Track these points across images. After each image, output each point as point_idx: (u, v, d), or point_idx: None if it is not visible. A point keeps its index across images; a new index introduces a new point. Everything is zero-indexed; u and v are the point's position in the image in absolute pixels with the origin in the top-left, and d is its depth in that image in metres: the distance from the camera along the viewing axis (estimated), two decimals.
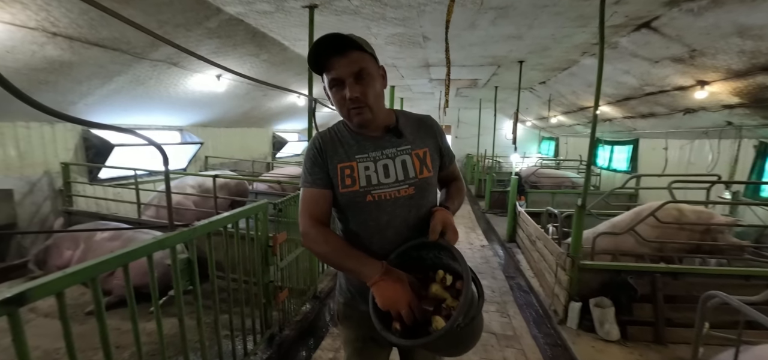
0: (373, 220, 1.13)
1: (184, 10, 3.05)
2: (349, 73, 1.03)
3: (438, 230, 1.07)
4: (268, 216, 2.59)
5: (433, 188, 1.23)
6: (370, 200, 1.12)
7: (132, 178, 4.84)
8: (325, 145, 1.18)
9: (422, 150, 1.18)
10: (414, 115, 1.27)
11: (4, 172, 3.99)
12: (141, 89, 4.27)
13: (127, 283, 1.48)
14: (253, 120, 7.95)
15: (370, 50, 1.08)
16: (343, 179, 1.13)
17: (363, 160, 1.14)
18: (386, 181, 1.12)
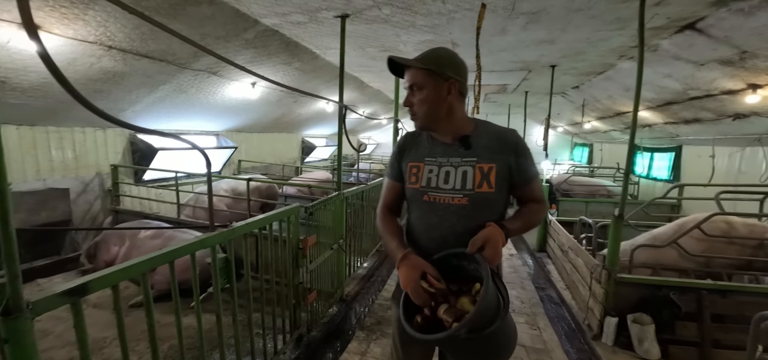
0: (425, 218, 1.27)
1: (224, 23, 3.23)
2: (407, 86, 1.25)
3: (477, 244, 1.10)
4: (299, 219, 2.67)
5: (495, 205, 1.23)
6: (426, 200, 1.26)
7: (172, 180, 5.13)
8: (406, 144, 1.37)
9: (488, 165, 1.21)
10: (496, 129, 1.29)
11: (62, 173, 4.36)
12: (183, 97, 4.54)
13: (172, 279, 1.59)
14: (283, 126, 8.22)
15: (431, 66, 1.20)
16: (410, 176, 1.31)
17: (430, 163, 1.28)
18: (444, 187, 1.23)
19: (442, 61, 1.21)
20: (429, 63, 1.19)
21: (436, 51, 1.24)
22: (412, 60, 1.23)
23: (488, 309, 1.01)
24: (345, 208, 3.49)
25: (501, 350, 1.11)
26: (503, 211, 1.29)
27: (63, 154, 4.34)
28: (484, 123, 1.30)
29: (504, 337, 1.09)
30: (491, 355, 1.10)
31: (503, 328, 1.05)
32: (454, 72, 1.21)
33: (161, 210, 5.30)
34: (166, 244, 3.71)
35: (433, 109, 1.22)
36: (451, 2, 2.91)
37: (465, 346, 1.05)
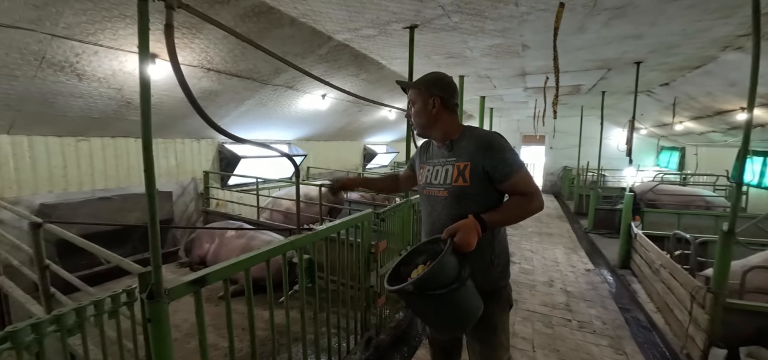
0: (425, 208, 1.60)
1: (302, 41, 3.51)
2: (410, 100, 1.59)
3: (450, 231, 1.30)
4: (371, 225, 2.78)
5: (473, 197, 1.42)
6: (426, 193, 1.59)
7: (252, 185, 5.66)
8: (421, 150, 1.73)
9: (464, 163, 1.44)
10: (478, 133, 1.49)
11: (166, 178, 5.07)
12: (263, 110, 5.01)
13: (268, 275, 1.76)
14: (347, 134, 8.58)
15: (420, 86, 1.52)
16: (418, 175, 1.68)
17: (429, 163, 1.60)
18: (434, 182, 1.53)
19: (429, 82, 1.51)
20: (419, 84, 1.52)
21: (428, 75, 1.54)
22: (409, 82, 1.59)
23: (437, 275, 1.21)
24: (412, 214, 3.54)
25: (454, 314, 1.29)
26: (487, 204, 1.41)
27: (168, 162, 5.06)
28: (470, 129, 1.52)
29: (455, 304, 1.27)
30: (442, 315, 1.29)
31: (455, 297, 1.24)
32: (438, 90, 1.49)
33: (242, 212, 5.86)
34: (249, 243, 4.11)
35: (420, 119, 1.53)
36: (525, 4, 2.82)
37: (418, 302, 1.29)
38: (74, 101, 3.45)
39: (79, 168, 4.29)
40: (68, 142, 4.17)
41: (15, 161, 3.80)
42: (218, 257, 4.14)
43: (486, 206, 1.39)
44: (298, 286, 2.02)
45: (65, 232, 1.93)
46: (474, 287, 1.33)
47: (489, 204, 1.41)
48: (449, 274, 1.25)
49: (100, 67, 3.07)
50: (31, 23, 2.42)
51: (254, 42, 1.74)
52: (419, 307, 1.36)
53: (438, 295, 1.21)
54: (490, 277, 1.49)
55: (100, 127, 4.15)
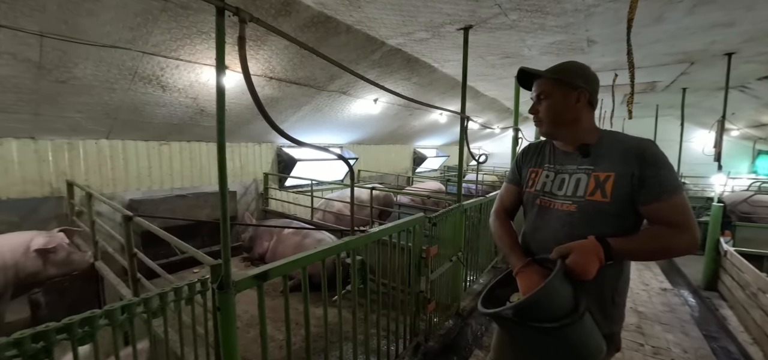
0: (534, 221, 1.31)
1: (356, 47, 3.61)
2: (533, 95, 1.32)
3: (560, 251, 1.08)
4: (423, 229, 2.75)
5: (609, 218, 1.14)
6: (538, 203, 1.31)
7: (307, 187, 5.93)
8: (528, 152, 1.44)
9: (605, 173, 1.16)
10: (623, 139, 1.20)
11: (231, 178, 5.52)
12: (318, 115, 5.23)
13: (323, 274, 1.83)
14: (397, 137, 8.64)
15: (560, 76, 1.24)
16: (528, 180, 1.38)
17: (548, 169, 1.32)
18: (556, 193, 1.25)
19: (572, 72, 1.25)
20: (558, 73, 1.25)
21: (566, 63, 1.28)
22: (543, 71, 1.28)
23: (543, 302, 1.00)
24: (464, 220, 3.44)
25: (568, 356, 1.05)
26: (622, 229, 1.13)
27: (233, 164, 5.50)
28: (612, 134, 1.25)
29: (570, 344, 1.03)
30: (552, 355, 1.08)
31: (570, 335, 1.01)
32: (583, 82, 1.23)
33: (297, 212, 6.16)
34: (303, 241, 4.30)
35: (558, 117, 1.26)
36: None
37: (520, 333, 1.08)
38: (158, 110, 3.90)
39: (161, 169, 4.83)
40: (153, 146, 4.72)
41: (111, 162, 4.39)
42: (276, 253, 4.39)
43: (621, 231, 1.12)
44: (351, 287, 2.06)
45: (151, 225, 2.18)
46: (594, 324, 1.09)
47: (624, 229, 1.14)
48: (560, 303, 1.02)
49: (180, 79, 3.43)
50: (127, 43, 2.78)
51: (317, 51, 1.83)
52: (521, 341, 1.15)
53: (547, 329, 1.00)
54: (609, 318, 1.20)
55: (178, 132, 4.64)
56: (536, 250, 1.26)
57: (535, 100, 1.30)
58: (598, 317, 1.15)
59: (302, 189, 6.40)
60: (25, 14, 2.28)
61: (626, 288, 1.27)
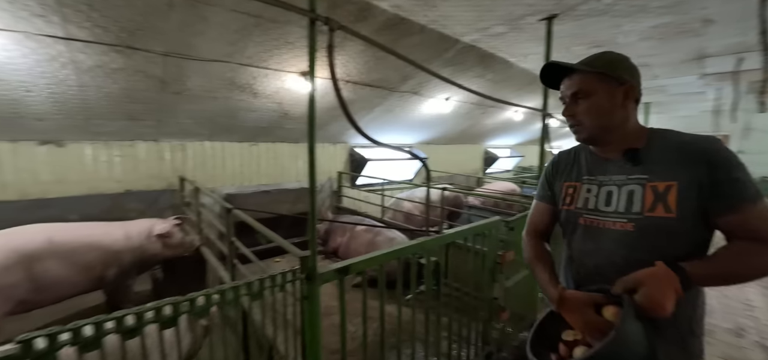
0: (579, 244, 1.11)
1: (428, 47, 3.60)
2: (567, 94, 1.09)
3: (627, 285, 0.88)
4: (499, 234, 2.63)
5: (677, 236, 0.94)
6: (581, 223, 1.11)
7: (378, 186, 6.09)
8: (559, 163, 1.24)
9: (665, 183, 0.96)
10: (680, 138, 1.00)
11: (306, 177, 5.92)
12: (389, 115, 5.34)
13: (399, 273, 1.86)
14: (468, 137, 8.39)
15: (603, 69, 1.04)
16: (565, 197, 1.17)
17: (588, 182, 1.12)
18: (604, 209, 1.05)
19: (616, 64, 1.05)
20: (600, 66, 1.04)
21: (605, 54, 1.07)
22: (578, 63, 1.07)
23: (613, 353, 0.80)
24: None
25: None
26: (694, 248, 0.95)
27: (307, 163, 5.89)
28: (662, 132, 1.04)
29: None
30: None
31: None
32: (629, 75, 1.03)
33: (368, 210, 6.37)
34: (374, 239, 4.43)
35: (603, 119, 1.05)
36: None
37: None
38: (249, 114, 4.36)
39: (250, 167, 5.40)
40: (244, 147, 5.30)
41: (212, 161, 5.05)
42: (349, 249, 4.59)
43: (690, 250, 0.94)
44: (425, 287, 2.06)
45: (247, 217, 2.46)
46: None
47: (694, 247, 0.96)
48: (634, 350, 0.84)
49: (269, 86, 3.80)
50: (227, 56, 3.16)
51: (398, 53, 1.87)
52: None
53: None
54: (689, 351, 1.02)
55: (265, 134, 5.14)
56: (587, 278, 1.07)
57: (570, 100, 1.08)
58: (677, 355, 0.98)
59: (373, 188, 6.60)
60: (155, 38, 2.74)
61: (704, 314, 1.06)
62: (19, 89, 3.04)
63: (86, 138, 4.12)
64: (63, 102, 3.32)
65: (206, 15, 2.60)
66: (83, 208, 4.15)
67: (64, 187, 4.10)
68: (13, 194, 3.85)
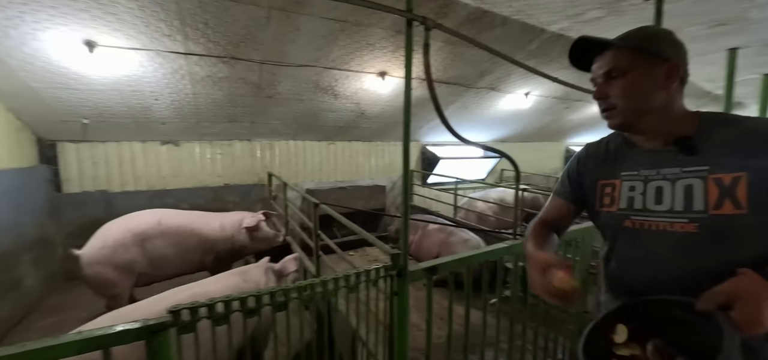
0: (627, 250, 0.95)
1: (510, 39, 3.42)
2: (599, 74, 0.92)
3: (718, 299, 0.72)
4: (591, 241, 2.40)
5: (749, 236, 0.81)
6: (627, 226, 0.94)
7: (448, 184, 6.00)
8: (588, 159, 1.07)
9: (731, 175, 0.82)
10: (742, 122, 0.86)
11: (381, 174, 6.07)
12: (464, 113, 5.21)
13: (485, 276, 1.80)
14: (548, 134, 7.79)
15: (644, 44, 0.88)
16: (602, 198, 1.00)
17: (630, 178, 0.95)
18: (655, 208, 0.90)
19: (658, 38, 0.89)
20: (639, 41, 0.88)
21: (645, 28, 0.92)
22: (614, 38, 0.91)
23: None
24: None
25: None
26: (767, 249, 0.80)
27: (384, 161, 6.05)
28: (718, 116, 0.90)
29: None
30: None
31: None
32: (673, 51, 0.87)
33: (439, 209, 6.30)
34: (447, 239, 4.36)
35: (641, 101, 0.89)
36: None
37: None
38: (330, 114, 4.61)
39: (328, 164, 5.73)
40: (322, 145, 5.63)
41: (295, 158, 5.46)
42: (421, 248, 4.60)
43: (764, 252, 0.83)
44: (510, 293, 1.97)
45: (333, 212, 2.61)
46: None
47: None
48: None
49: (349, 87, 3.97)
50: (314, 61, 3.38)
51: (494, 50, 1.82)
52: None
53: None
54: None
55: (342, 133, 5.39)
56: (639, 288, 0.92)
57: (602, 79, 0.92)
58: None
59: (445, 186, 6.51)
60: (254, 49, 3.05)
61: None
62: (150, 98, 3.63)
63: (196, 138, 4.78)
64: (180, 108, 3.89)
65: (298, 24, 2.81)
66: (192, 199, 4.83)
67: (179, 180, 4.81)
68: (144, 185, 4.63)
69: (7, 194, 3.31)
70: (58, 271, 4.19)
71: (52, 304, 3.78)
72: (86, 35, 2.64)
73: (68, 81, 3.13)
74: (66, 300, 3.85)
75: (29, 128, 3.83)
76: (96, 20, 2.50)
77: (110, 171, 4.44)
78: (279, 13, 2.67)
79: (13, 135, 3.52)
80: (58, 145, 4.17)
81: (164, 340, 1.09)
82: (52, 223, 4.11)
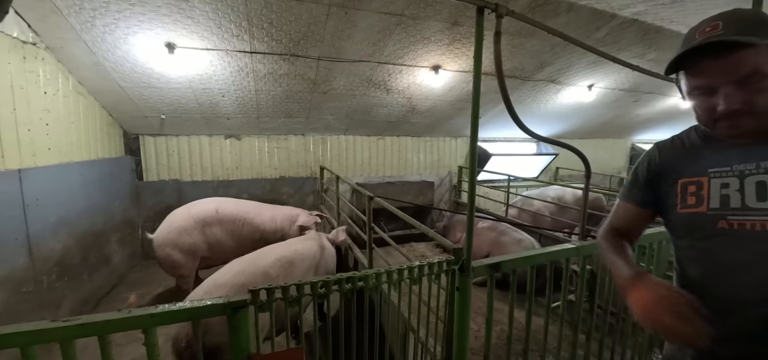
0: (724, 255, 0.84)
1: (576, 27, 3.18)
2: (728, 80, 0.78)
3: None
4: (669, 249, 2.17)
5: None
6: (722, 227, 0.84)
7: (499, 181, 5.78)
8: (661, 158, 0.98)
9: None
10: None
11: (430, 170, 6.01)
12: (519, 107, 4.96)
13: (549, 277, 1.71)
14: (611, 130, 7.19)
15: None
16: (686, 198, 0.90)
17: (720, 174, 0.86)
18: (757, 206, 0.80)
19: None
20: None
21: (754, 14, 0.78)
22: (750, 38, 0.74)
23: None
24: None
25: None
26: None
27: (432, 156, 5.99)
28: None
29: None
30: None
31: None
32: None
33: (489, 207, 6.11)
34: (500, 238, 4.21)
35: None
36: None
37: None
38: (381, 110, 4.65)
39: (377, 159, 5.79)
40: (372, 140, 5.70)
41: (346, 153, 5.59)
42: None
43: None
44: (575, 297, 1.85)
45: (389, 205, 2.64)
46: None
47: None
48: None
49: (401, 82, 3.97)
50: (368, 56, 3.42)
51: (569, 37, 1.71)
52: None
53: None
54: None
55: (392, 128, 5.41)
56: (744, 297, 0.80)
57: (735, 86, 0.78)
58: None
59: (496, 184, 6.29)
60: (313, 46, 3.16)
61: None
62: (217, 95, 3.92)
63: (255, 133, 5.08)
64: (243, 104, 4.16)
65: (356, 20, 2.86)
66: (251, 189, 5.15)
67: (240, 172, 5.15)
68: (209, 176, 5.03)
69: (101, 181, 3.78)
70: (139, 251, 4.70)
71: (134, 278, 4.26)
72: (168, 38, 2.90)
73: (151, 80, 3.48)
74: (145, 276, 4.31)
75: (118, 123, 4.32)
76: (176, 24, 2.74)
77: (182, 162, 4.88)
78: (338, 9, 2.73)
79: (105, 129, 4.00)
80: (140, 138, 4.66)
81: (244, 315, 1.18)
82: (134, 208, 4.61)
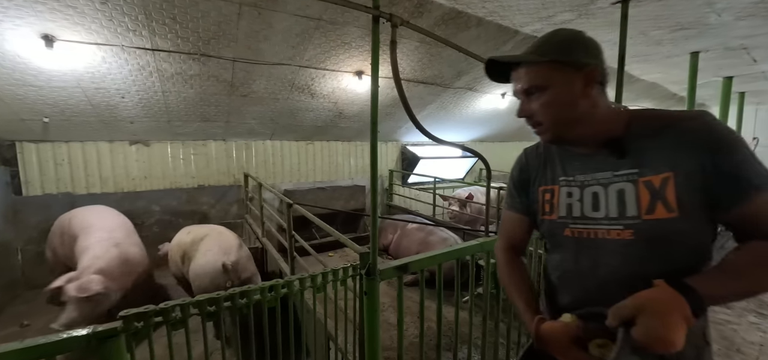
0: (572, 261, 0.90)
1: (486, 40, 3.46)
2: (520, 90, 0.88)
3: (622, 315, 0.69)
4: None
5: (684, 239, 0.77)
6: (568, 235, 0.90)
7: (428, 184, 6.03)
8: (528, 164, 1.03)
9: (660, 176, 0.78)
10: (668, 117, 0.81)
11: (361, 174, 6.04)
12: (443, 113, 5.25)
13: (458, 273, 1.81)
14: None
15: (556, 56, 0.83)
16: (543, 205, 0.96)
17: (566, 184, 0.91)
18: (593, 215, 0.86)
19: (569, 45, 0.83)
20: (551, 52, 0.83)
21: (555, 34, 0.86)
22: (524, 54, 0.86)
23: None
24: None
25: None
26: (703, 251, 0.79)
27: (363, 161, 6.02)
28: (645, 113, 0.85)
29: None
30: None
31: None
32: (587, 55, 0.82)
33: (419, 208, 6.33)
34: (427, 238, 4.38)
35: (564, 113, 0.84)
36: None
37: None
38: (307, 114, 4.55)
39: (306, 165, 5.65)
40: (301, 145, 5.55)
41: (273, 158, 5.36)
42: (400, 246, 4.60)
43: (701, 254, 0.80)
44: (483, 290, 1.99)
45: (307, 212, 2.57)
46: None
47: (705, 251, 0.81)
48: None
49: (325, 86, 3.93)
50: (289, 59, 3.33)
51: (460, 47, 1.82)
52: None
53: None
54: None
55: (321, 133, 5.33)
56: (586, 300, 0.87)
57: (522, 97, 0.89)
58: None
59: (424, 186, 6.55)
60: (226, 46, 2.97)
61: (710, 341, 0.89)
62: (116, 96, 3.48)
63: (168, 138, 4.61)
64: (149, 106, 3.75)
65: (271, 21, 2.75)
66: (165, 200, 4.66)
67: (150, 182, 4.63)
68: (111, 187, 4.44)
69: None
70: (19, 279, 3.96)
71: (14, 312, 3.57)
72: (43, 29, 2.50)
73: (26, 77, 2.96)
74: (29, 309, 3.64)
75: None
76: (54, 13, 2.37)
77: (75, 172, 4.23)
78: (251, 9, 2.60)
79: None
80: (17, 145, 3.94)
81: (116, 347, 1.04)
82: (10, 229, 3.87)
